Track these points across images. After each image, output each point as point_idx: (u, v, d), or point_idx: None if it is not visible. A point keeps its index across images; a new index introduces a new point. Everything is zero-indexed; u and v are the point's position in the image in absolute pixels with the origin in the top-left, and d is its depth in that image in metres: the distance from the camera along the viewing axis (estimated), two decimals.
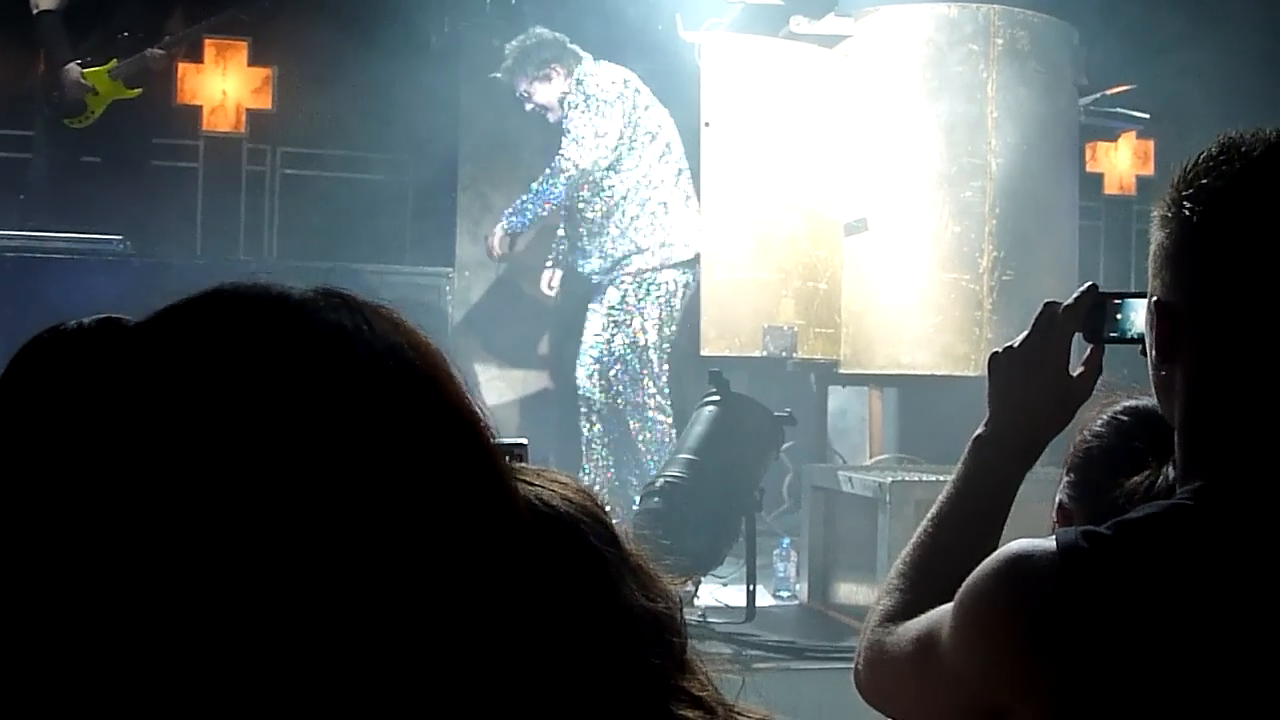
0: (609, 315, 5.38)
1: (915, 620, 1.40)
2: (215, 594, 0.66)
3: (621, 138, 5.37)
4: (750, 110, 4.85)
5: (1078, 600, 1.17)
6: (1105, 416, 1.60)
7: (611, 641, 1.06)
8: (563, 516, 1.09)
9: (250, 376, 0.70)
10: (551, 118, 5.57)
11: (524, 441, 1.47)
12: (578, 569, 1.07)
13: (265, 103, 6.94)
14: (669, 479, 4.03)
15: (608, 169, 5.39)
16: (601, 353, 5.37)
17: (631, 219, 5.39)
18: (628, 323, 5.36)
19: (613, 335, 5.36)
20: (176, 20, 6.27)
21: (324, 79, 6.69)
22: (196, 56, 6.76)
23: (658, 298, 5.37)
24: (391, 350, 0.75)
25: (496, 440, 0.84)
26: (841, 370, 5.06)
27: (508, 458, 1.48)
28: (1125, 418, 1.56)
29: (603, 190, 5.43)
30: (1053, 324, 1.51)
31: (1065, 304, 1.51)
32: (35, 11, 6.16)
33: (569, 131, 5.39)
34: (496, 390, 6.48)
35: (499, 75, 5.94)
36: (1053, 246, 4.90)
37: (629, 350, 5.33)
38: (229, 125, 6.88)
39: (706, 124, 4.81)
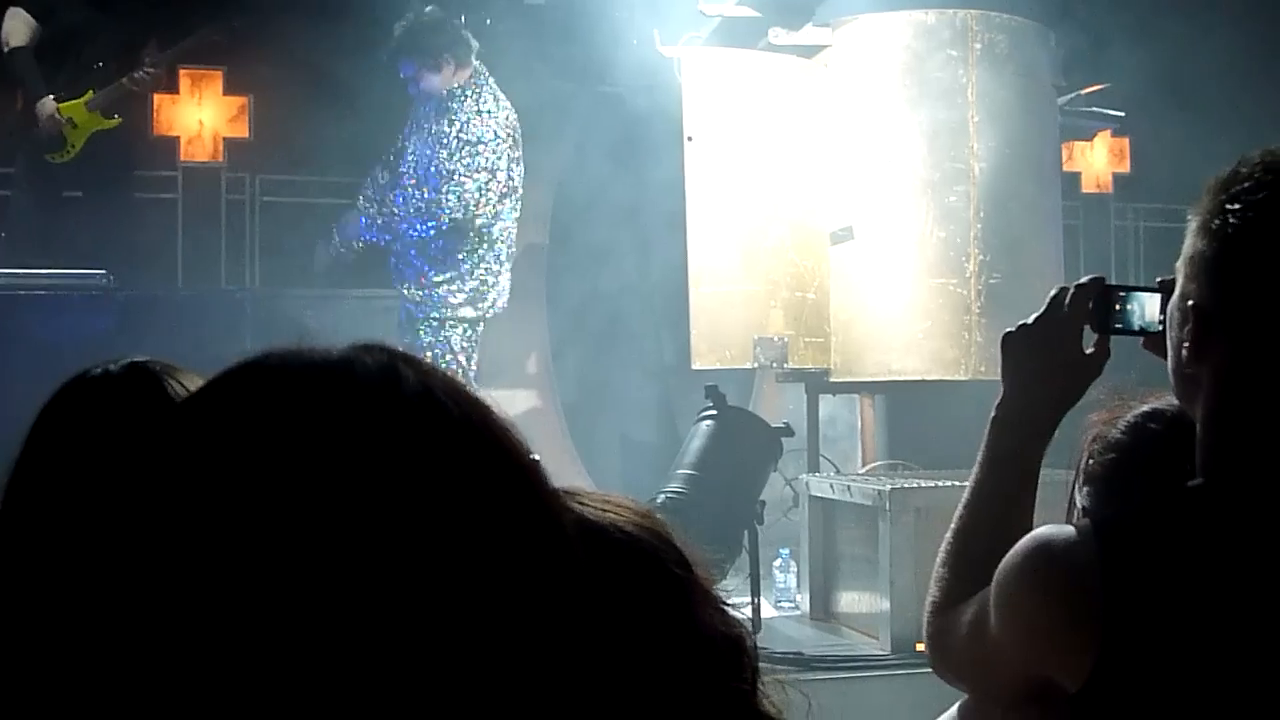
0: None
1: (963, 606, 1.47)
2: (257, 626, 0.66)
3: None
4: (732, 123, 4.86)
5: (1110, 571, 1.25)
6: (1127, 423, 1.62)
7: (695, 666, 1.06)
8: (639, 542, 1.10)
9: (301, 432, 0.70)
10: (429, 107, 5.39)
11: (535, 457, 1.47)
12: (657, 595, 1.07)
13: (242, 131, 6.93)
14: (669, 494, 4.03)
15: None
16: None
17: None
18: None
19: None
20: (150, 49, 6.25)
21: (300, 105, 6.66)
22: (172, 87, 6.74)
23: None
24: (441, 397, 0.75)
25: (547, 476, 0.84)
26: (832, 379, 5.07)
27: None
28: (1154, 425, 1.58)
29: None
30: (1063, 304, 1.55)
31: (1076, 285, 1.56)
32: (5, 49, 6.13)
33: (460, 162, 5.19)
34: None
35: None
36: (1039, 248, 4.93)
37: None
38: (207, 155, 6.87)
39: (689, 138, 4.82)
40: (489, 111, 5.28)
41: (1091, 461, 1.67)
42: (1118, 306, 1.52)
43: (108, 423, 1.36)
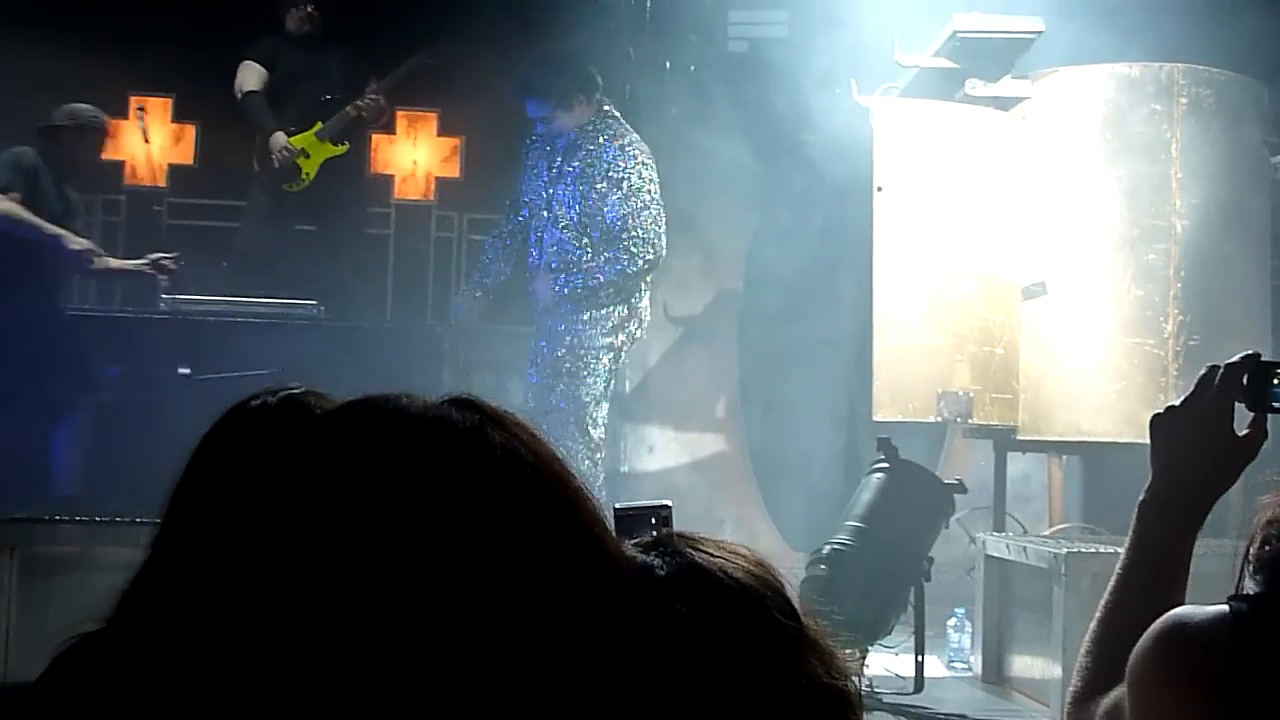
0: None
1: (1101, 698, 1.43)
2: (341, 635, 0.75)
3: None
4: (924, 174, 4.82)
5: (1242, 657, 1.21)
6: None
7: (794, 714, 1.08)
8: (747, 590, 1.12)
9: (393, 480, 0.79)
10: (561, 143, 5.21)
11: (668, 504, 1.50)
12: (761, 641, 1.09)
13: (454, 171, 7.19)
14: (836, 546, 4.00)
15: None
16: None
17: None
18: None
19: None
20: (370, 78, 6.63)
21: (509, 147, 6.89)
22: (389, 128, 7.06)
23: None
24: (517, 452, 0.80)
25: (622, 547, 0.90)
26: (1019, 437, 4.95)
27: (653, 519, 1.52)
28: None
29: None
30: (1213, 384, 1.49)
31: (1226, 363, 1.49)
32: (240, 94, 6.59)
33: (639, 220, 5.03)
34: (672, 453, 6.54)
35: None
36: (1242, 310, 4.73)
37: None
38: (419, 193, 7.15)
39: (879, 189, 4.80)
40: (631, 142, 5.14)
41: (1267, 548, 1.59)
42: (1276, 382, 1.46)
43: (259, 452, 1.46)
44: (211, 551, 1.40)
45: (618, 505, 1.46)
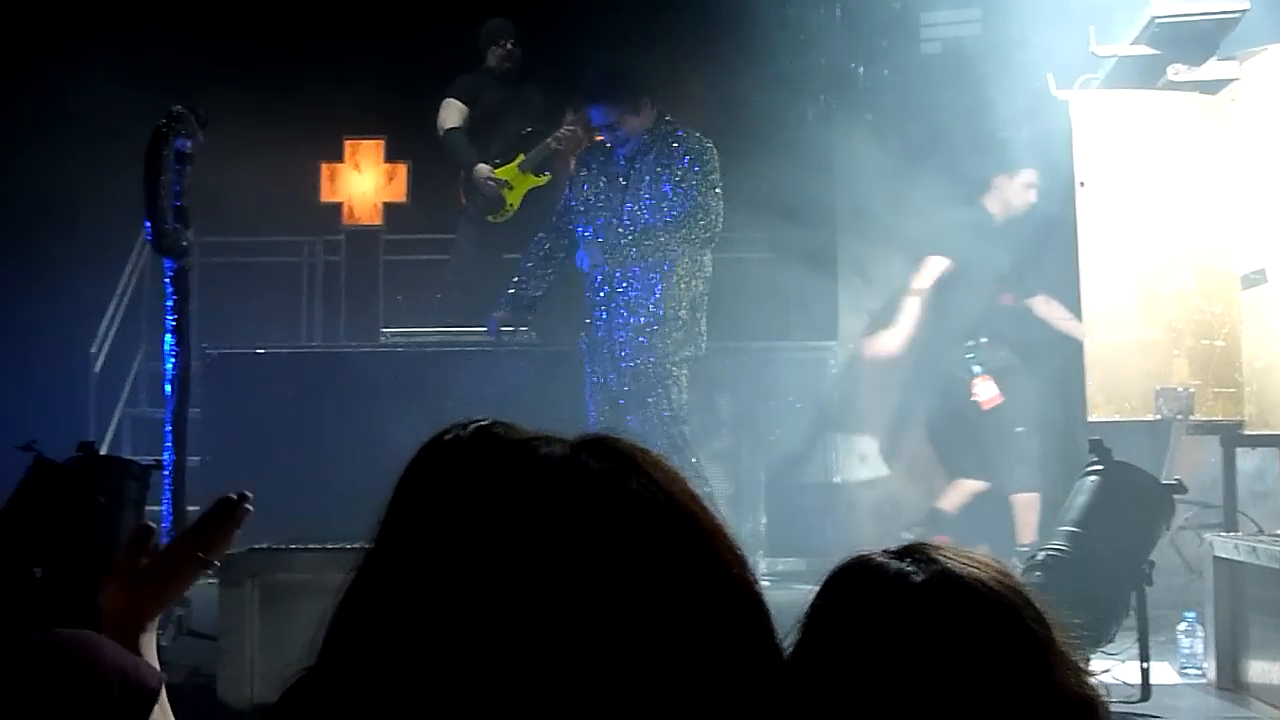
0: None
1: None
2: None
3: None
4: (1127, 165, 4.68)
5: None
6: None
7: None
8: (1002, 598, 1.14)
9: (535, 517, 0.85)
10: (626, 150, 5.27)
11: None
12: (1016, 650, 1.11)
13: None
14: (1051, 552, 3.91)
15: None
16: None
17: None
18: None
19: None
20: (568, 110, 6.81)
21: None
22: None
23: None
24: (653, 496, 0.85)
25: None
26: (1247, 431, 4.74)
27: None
28: None
29: None
30: None
31: None
32: (442, 131, 6.85)
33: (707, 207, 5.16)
34: (884, 461, 6.48)
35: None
36: None
37: None
38: None
39: (1081, 184, 4.68)
40: (698, 139, 5.25)
41: None
42: None
43: (452, 485, 1.56)
44: (396, 584, 1.50)
45: None
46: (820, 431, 6.34)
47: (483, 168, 6.84)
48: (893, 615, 1.12)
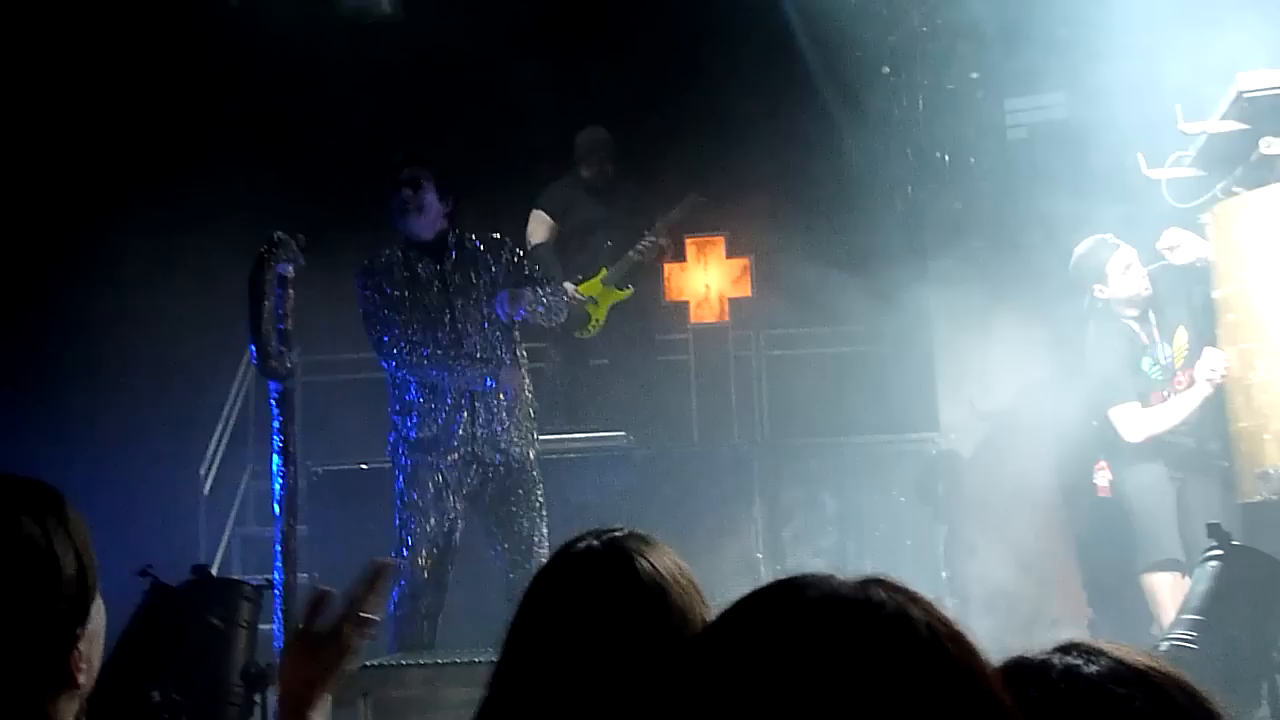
0: None
1: None
2: None
3: None
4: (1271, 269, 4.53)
5: None
6: None
7: None
8: (1179, 687, 1.16)
9: (826, 661, 0.85)
10: None
11: None
12: None
13: (745, 291, 7.32)
14: (1175, 642, 3.79)
15: None
16: None
17: None
18: None
19: None
20: (648, 223, 6.88)
21: (795, 262, 6.99)
22: (680, 256, 7.28)
23: None
24: (945, 641, 0.88)
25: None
26: None
27: None
28: None
29: None
30: None
31: None
32: (529, 246, 6.96)
33: None
34: (996, 553, 6.36)
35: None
36: None
37: None
38: (714, 316, 7.30)
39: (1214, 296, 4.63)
40: None
41: None
42: None
43: (586, 594, 1.58)
44: (545, 689, 1.51)
45: None
46: (927, 525, 6.25)
47: (568, 286, 6.91)
48: (1076, 711, 1.12)
